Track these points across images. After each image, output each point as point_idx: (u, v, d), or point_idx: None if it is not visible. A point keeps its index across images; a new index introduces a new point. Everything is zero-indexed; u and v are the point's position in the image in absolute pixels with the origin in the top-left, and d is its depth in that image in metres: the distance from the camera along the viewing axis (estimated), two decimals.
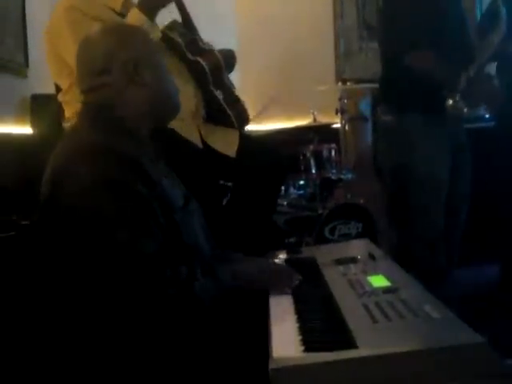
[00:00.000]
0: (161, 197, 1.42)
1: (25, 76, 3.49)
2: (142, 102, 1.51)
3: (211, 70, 2.38)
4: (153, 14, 2.14)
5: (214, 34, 2.76)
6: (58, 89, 2.34)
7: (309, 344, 1.09)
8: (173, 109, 1.64)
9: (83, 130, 1.49)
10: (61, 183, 1.36)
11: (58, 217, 1.36)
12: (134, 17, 2.12)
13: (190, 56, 2.36)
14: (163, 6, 2.17)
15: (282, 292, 1.44)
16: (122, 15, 2.23)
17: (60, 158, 1.42)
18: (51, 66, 2.28)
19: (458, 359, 0.98)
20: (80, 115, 1.55)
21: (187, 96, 2.33)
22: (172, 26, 2.45)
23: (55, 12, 2.23)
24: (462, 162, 2.41)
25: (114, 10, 2.29)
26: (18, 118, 3.39)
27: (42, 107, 3.35)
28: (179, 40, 2.36)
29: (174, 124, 2.14)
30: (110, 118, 1.48)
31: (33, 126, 3.43)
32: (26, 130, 3.42)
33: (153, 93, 1.52)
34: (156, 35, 2.19)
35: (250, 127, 2.81)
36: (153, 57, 1.55)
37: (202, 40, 2.49)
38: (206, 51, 2.45)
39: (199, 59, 2.37)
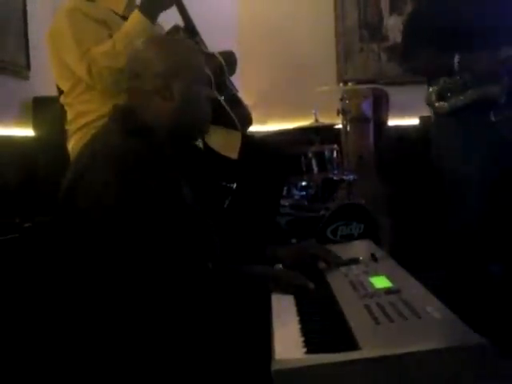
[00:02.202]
0: (183, 201, 1.47)
1: (26, 78, 3.50)
2: (165, 115, 1.52)
3: (214, 74, 2.39)
4: (154, 16, 2.15)
5: (216, 35, 2.76)
6: (60, 91, 2.34)
7: (311, 345, 1.09)
8: (194, 133, 1.67)
9: (109, 132, 1.51)
10: (82, 183, 1.39)
11: (77, 214, 1.39)
12: (136, 19, 2.13)
13: None
14: (164, 8, 2.18)
15: (303, 284, 1.45)
16: (125, 18, 2.23)
17: (84, 158, 1.46)
18: (53, 68, 2.28)
19: (460, 360, 0.98)
20: (110, 117, 1.57)
21: None
22: (174, 31, 2.45)
23: (58, 14, 2.24)
24: None
25: (116, 13, 2.30)
26: (20, 121, 3.40)
27: (43, 109, 3.36)
28: None
29: None
30: (136, 125, 1.50)
31: (35, 128, 3.44)
32: (27, 132, 3.43)
33: (178, 109, 1.53)
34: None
35: (252, 128, 2.81)
36: (190, 75, 1.56)
37: (204, 44, 2.49)
38: (208, 55, 2.45)
39: None
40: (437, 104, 2.43)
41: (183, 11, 2.45)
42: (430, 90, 2.45)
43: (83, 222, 1.37)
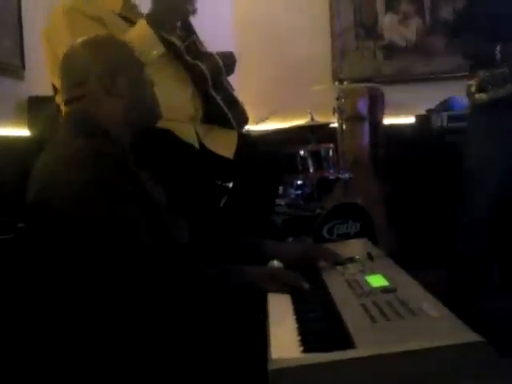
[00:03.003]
0: (147, 196, 1.46)
1: (22, 78, 3.49)
2: (118, 113, 1.54)
3: (210, 73, 2.38)
4: (160, 29, 2.14)
5: (212, 34, 2.76)
6: (56, 90, 2.34)
7: (307, 344, 1.08)
8: (150, 121, 1.68)
9: (66, 138, 1.51)
10: (50, 188, 1.39)
11: (49, 221, 1.38)
12: (141, 28, 2.11)
13: (189, 59, 2.36)
14: (171, 23, 2.18)
15: (299, 285, 1.43)
16: (122, 17, 2.23)
17: (46, 165, 1.46)
18: (49, 66, 2.28)
19: (457, 358, 0.98)
20: (62, 125, 1.57)
21: (186, 99, 2.33)
22: (171, 30, 2.44)
23: (55, 12, 2.23)
24: None
25: (114, 12, 2.29)
26: (16, 121, 3.39)
27: (39, 109, 3.34)
28: (178, 43, 2.36)
29: (171, 125, 2.14)
30: (91, 127, 1.50)
31: (30, 128, 3.43)
32: (23, 132, 3.41)
33: (128, 105, 1.55)
34: (158, 50, 2.16)
35: (248, 127, 2.81)
36: (130, 69, 1.58)
37: (201, 43, 2.49)
38: (205, 54, 2.44)
39: (198, 62, 2.37)
40: (476, 95, 2.46)
41: None
42: (470, 82, 2.49)
43: (60, 224, 1.36)
